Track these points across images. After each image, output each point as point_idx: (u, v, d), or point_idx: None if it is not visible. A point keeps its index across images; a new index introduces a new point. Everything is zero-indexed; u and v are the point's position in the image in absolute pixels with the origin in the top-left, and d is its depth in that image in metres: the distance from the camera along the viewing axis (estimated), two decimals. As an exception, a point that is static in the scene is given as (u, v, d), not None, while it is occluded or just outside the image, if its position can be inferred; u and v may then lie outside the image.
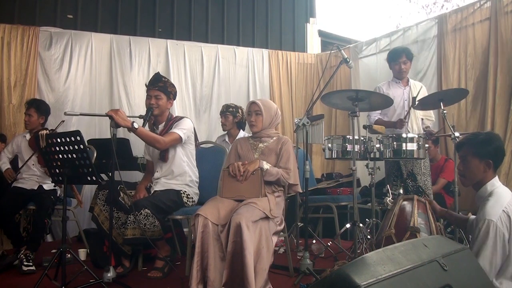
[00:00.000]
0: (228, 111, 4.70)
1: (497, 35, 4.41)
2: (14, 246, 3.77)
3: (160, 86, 3.39)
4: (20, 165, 4.09)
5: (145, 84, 3.49)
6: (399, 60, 4.02)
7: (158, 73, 3.53)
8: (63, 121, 4.13)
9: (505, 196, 2.31)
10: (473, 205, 4.50)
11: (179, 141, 3.35)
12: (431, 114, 4.12)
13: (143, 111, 3.39)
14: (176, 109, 5.82)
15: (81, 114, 4.09)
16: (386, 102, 3.45)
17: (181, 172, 3.43)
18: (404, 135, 3.41)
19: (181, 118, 3.50)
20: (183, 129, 3.36)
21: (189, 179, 3.46)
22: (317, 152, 6.52)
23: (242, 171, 2.90)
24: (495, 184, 2.38)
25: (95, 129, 5.39)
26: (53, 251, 3.78)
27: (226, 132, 4.87)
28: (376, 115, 4.08)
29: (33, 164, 3.99)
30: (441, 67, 4.98)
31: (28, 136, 4.08)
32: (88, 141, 4.58)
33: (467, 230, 2.71)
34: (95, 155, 4.21)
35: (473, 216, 2.64)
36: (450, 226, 3.71)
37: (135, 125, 2.99)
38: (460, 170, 2.51)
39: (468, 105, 4.68)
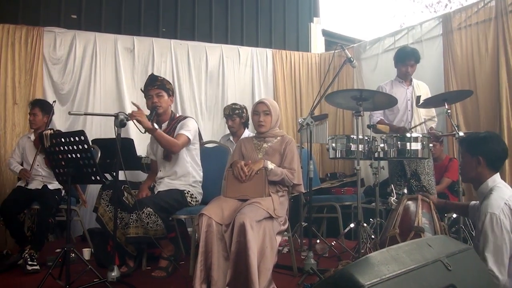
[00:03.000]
0: (235, 113, 4.63)
1: (504, 34, 4.39)
2: (19, 245, 3.79)
3: (158, 85, 3.41)
4: (24, 164, 4.12)
5: (141, 89, 3.50)
6: (407, 62, 3.98)
7: (152, 74, 3.56)
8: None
9: (506, 191, 2.37)
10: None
11: (188, 143, 3.38)
12: (434, 114, 4.08)
13: (147, 111, 3.39)
14: (180, 109, 5.83)
15: (85, 114, 4.13)
16: (390, 101, 3.44)
17: (185, 173, 3.44)
18: (408, 135, 3.40)
19: (185, 117, 3.51)
20: (189, 130, 3.37)
21: (192, 180, 3.47)
22: (321, 152, 6.50)
23: (246, 173, 2.90)
24: (496, 180, 2.45)
25: (99, 129, 5.40)
26: (57, 250, 3.79)
27: (230, 132, 4.86)
28: (378, 115, 4.07)
29: (37, 165, 4.01)
30: (446, 66, 4.96)
31: (32, 137, 4.11)
32: (92, 141, 4.59)
33: (470, 215, 2.76)
34: (99, 155, 4.22)
35: (474, 202, 2.67)
36: (454, 226, 3.70)
37: (156, 126, 3.08)
38: (459, 165, 2.66)
39: (475, 104, 4.66)
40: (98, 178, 2.83)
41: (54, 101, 4.32)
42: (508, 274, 2.23)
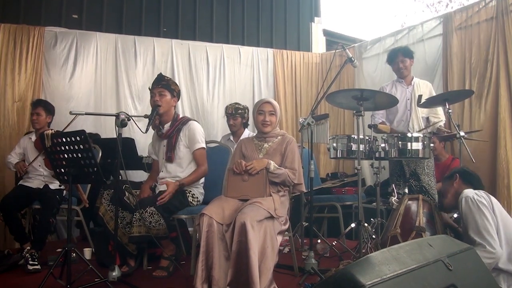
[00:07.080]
0: (237, 113, 4.65)
1: (505, 34, 4.39)
2: (18, 242, 3.80)
3: (163, 84, 3.41)
4: (26, 165, 4.12)
5: (149, 88, 3.50)
6: (396, 59, 4.08)
7: (161, 73, 3.55)
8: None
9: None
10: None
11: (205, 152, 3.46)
12: (438, 112, 4.03)
13: (148, 110, 3.40)
14: (181, 108, 5.82)
15: (86, 114, 4.09)
16: (391, 101, 3.44)
17: (187, 176, 3.43)
18: (409, 135, 3.40)
19: (188, 120, 3.50)
20: (199, 140, 3.41)
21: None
22: (322, 151, 6.50)
23: (243, 167, 2.90)
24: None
25: (100, 129, 5.39)
26: (58, 250, 3.80)
27: (230, 131, 4.86)
28: (380, 116, 4.07)
29: (39, 165, 4.01)
30: (447, 66, 4.95)
31: (33, 138, 4.11)
32: (93, 139, 4.59)
33: None
34: (100, 154, 4.22)
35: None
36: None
37: (184, 182, 3.27)
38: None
39: (474, 104, 4.65)
40: (99, 177, 2.83)
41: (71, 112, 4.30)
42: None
